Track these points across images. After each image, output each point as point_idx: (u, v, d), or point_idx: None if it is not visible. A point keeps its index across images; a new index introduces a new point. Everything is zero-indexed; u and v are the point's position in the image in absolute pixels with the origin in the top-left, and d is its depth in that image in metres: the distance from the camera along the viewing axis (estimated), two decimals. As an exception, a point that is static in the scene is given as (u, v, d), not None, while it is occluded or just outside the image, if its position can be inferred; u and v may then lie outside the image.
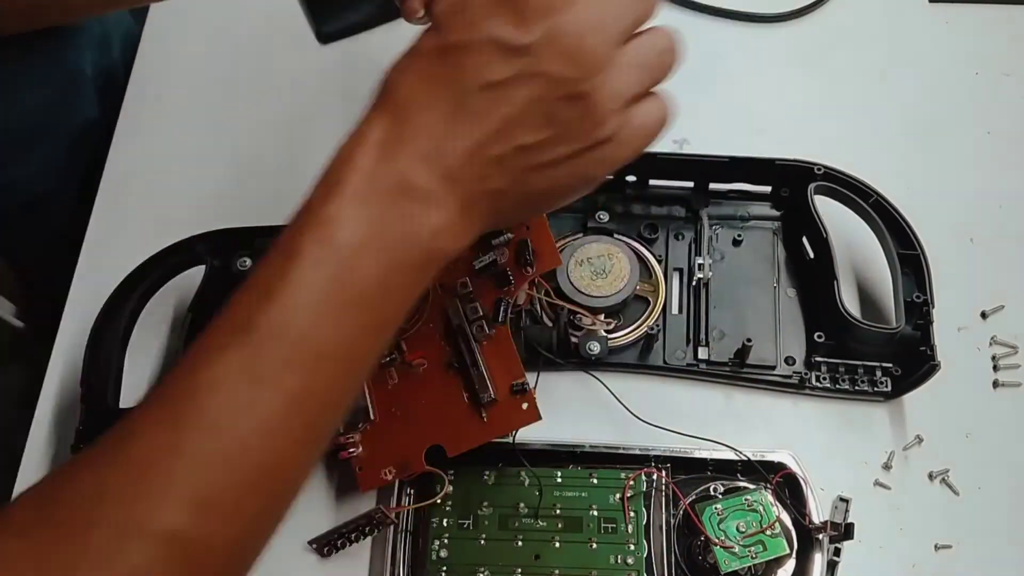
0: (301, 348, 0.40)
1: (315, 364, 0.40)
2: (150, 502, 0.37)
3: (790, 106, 0.75)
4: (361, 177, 0.40)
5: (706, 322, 0.63)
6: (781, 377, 0.62)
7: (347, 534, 0.57)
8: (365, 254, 0.40)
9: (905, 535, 0.58)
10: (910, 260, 0.62)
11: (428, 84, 0.40)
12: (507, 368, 0.54)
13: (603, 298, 0.62)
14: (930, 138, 0.73)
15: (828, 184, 0.64)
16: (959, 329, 0.64)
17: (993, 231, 0.68)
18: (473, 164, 0.41)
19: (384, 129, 0.41)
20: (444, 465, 0.55)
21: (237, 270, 0.62)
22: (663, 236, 0.67)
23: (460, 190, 0.41)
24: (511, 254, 0.55)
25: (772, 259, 0.66)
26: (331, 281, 0.40)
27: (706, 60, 0.77)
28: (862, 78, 0.76)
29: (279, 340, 0.39)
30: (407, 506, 0.57)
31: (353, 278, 0.40)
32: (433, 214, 0.41)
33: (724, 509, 0.55)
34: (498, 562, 0.56)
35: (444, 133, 0.40)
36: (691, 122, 0.73)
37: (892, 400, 0.62)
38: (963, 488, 0.60)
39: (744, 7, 0.79)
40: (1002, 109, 0.74)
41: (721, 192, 0.68)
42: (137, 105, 0.75)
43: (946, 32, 0.78)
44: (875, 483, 0.60)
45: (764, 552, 0.54)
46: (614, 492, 0.57)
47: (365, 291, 0.41)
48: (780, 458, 0.57)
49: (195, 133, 0.74)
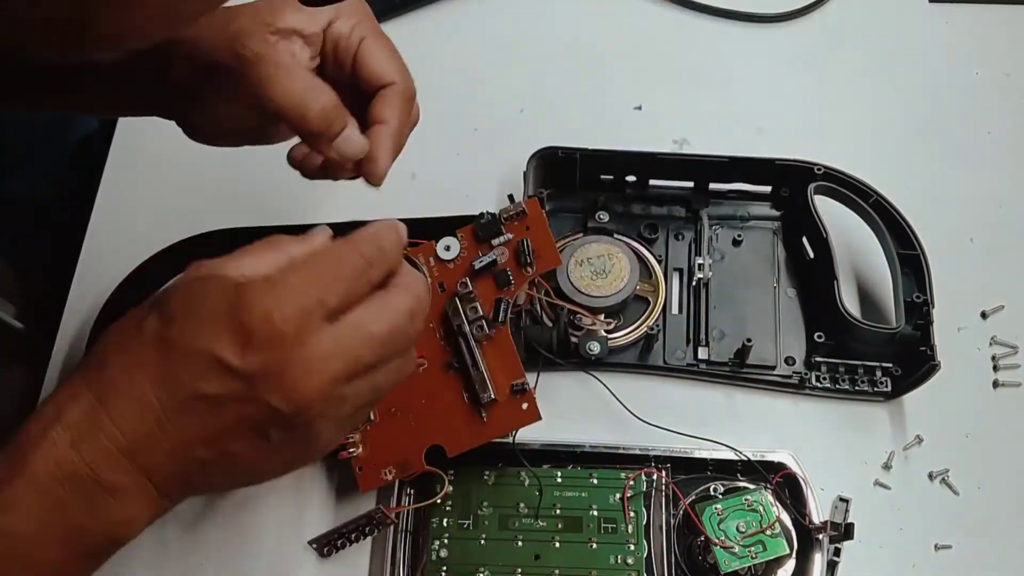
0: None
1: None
2: None
3: (790, 106, 0.75)
4: (48, 463, 0.38)
5: (706, 322, 0.63)
6: (781, 377, 0.62)
7: (347, 534, 0.57)
8: (43, 543, 0.39)
9: (905, 535, 0.58)
10: (910, 260, 0.62)
11: (140, 374, 0.39)
12: (507, 368, 0.54)
13: (603, 298, 0.62)
14: (930, 138, 0.73)
15: (828, 184, 0.64)
16: (959, 329, 0.64)
17: (993, 231, 0.68)
18: (174, 463, 0.40)
19: (84, 410, 0.39)
20: (444, 465, 0.55)
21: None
22: (663, 236, 0.67)
23: (155, 483, 0.40)
24: (511, 254, 0.55)
25: (772, 259, 0.66)
26: (6, 567, 0.38)
27: (706, 60, 0.77)
28: (862, 78, 0.76)
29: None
30: (407, 506, 0.57)
31: (29, 565, 0.39)
32: (122, 507, 0.39)
33: (724, 509, 0.55)
34: (498, 562, 0.56)
35: (147, 431, 0.39)
36: (691, 122, 0.73)
37: (892, 400, 0.62)
38: (963, 488, 0.60)
39: (744, 7, 0.79)
40: (1002, 109, 0.74)
41: (721, 192, 0.68)
42: (137, 105, 0.75)
43: (946, 32, 0.78)
44: (875, 483, 0.60)
45: (764, 552, 0.54)
46: (614, 492, 0.57)
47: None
48: (780, 458, 0.57)
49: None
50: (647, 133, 0.72)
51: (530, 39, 0.78)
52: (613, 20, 0.79)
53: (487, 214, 0.55)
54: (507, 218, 0.55)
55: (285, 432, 0.40)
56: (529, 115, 0.75)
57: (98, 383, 0.39)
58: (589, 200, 0.67)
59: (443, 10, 0.80)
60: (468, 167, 0.70)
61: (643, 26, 0.79)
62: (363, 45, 0.49)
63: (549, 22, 0.79)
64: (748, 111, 0.74)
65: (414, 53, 0.78)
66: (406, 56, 0.52)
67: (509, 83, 0.76)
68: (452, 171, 0.57)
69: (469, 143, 0.72)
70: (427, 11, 0.79)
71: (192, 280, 0.41)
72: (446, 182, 0.70)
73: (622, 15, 0.79)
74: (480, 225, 0.55)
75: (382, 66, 0.49)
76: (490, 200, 0.69)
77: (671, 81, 0.76)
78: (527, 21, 0.79)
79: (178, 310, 0.40)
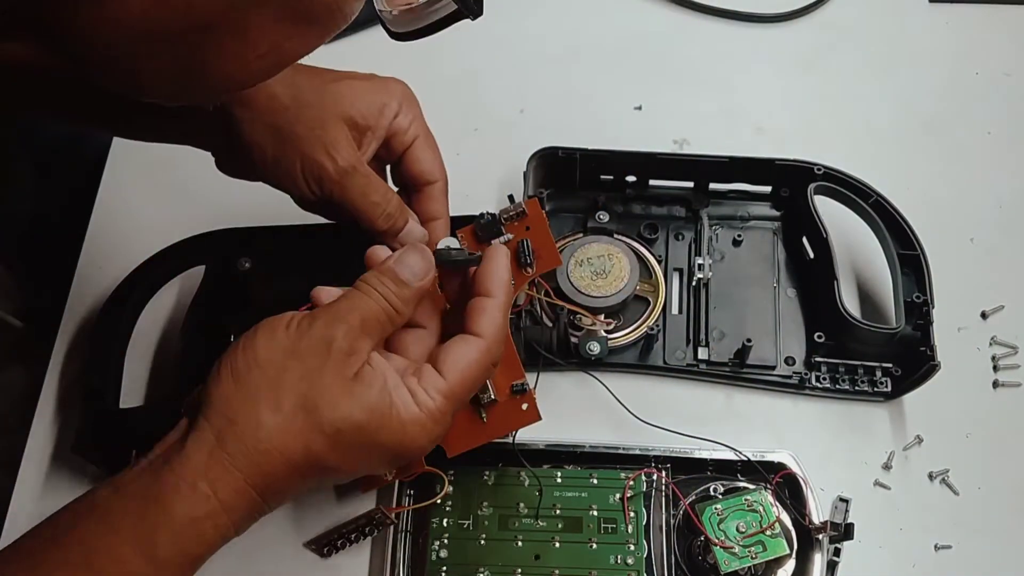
0: None
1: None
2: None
3: (790, 106, 0.75)
4: (208, 548, 0.43)
5: (706, 322, 0.63)
6: (781, 377, 0.62)
7: (347, 534, 0.57)
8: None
9: (905, 535, 0.58)
10: (910, 260, 0.62)
11: (297, 479, 0.44)
12: (507, 368, 0.54)
13: (603, 298, 0.62)
14: (930, 138, 0.73)
15: (828, 184, 0.64)
16: (959, 329, 0.64)
17: (993, 231, 0.68)
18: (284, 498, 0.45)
19: (237, 496, 0.43)
20: (444, 465, 0.55)
21: (237, 270, 0.62)
22: (663, 236, 0.67)
23: (269, 506, 0.45)
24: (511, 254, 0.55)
25: (772, 259, 0.66)
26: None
27: (706, 60, 0.77)
28: (862, 78, 0.76)
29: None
30: (407, 506, 0.57)
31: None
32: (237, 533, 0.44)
33: (724, 509, 0.55)
34: (498, 562, 0.56)
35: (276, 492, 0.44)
36: (691, 122, 0.73)
37: (892, 400, 0.62)
38: (963, 488, 0.60)
39: (744, 7, 0.79)
40: (1002, 109, 0.74)
41: (721, 192, 0.68)
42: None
43: (946, 32, 0.78)
44: (875, 483, 0.60)
45: (764, 552, 0.54)
46: (614, 492, 0.57)
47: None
48: (780, 458, 0.57)
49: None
50: (647, 133, 0.72)
51: (530, 39, 0.78)
52: (613, 20, 0.79)
53: (487, 214, 0.55)
54: (507, 218, 0.55)
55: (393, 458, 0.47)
56: (529, 115, 0.75)
57: (256, 480, 0.43)
58: (589, 200, 0.67)
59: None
60: (468, 167, 0.69)
61: (643, 26, 0.79)
62: (416, 143, 0.55)
63: (549, 22, 0.80)
64: (748, 111, 0.74)
65: (414, 53, 0.77)
66: (406, 56, 0.52)
67: (509, 83, 0.76)
68: (452, 171, 0.57)
69: (469, 143, 0.72)
70: (427, 11, 0.79)
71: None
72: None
73: (622, 15, 0.79)
74: (480, 225, 0.55)
75: (431, 166, 0.56)
76: (490, 200, 0.70)
77: (671, 81, 0.76)
78: (527, 21, 0.79)
79: (351, 442, 0.44)
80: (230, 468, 0.42)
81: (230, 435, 0.42)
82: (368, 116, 0.53)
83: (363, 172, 0.53)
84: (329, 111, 0.52)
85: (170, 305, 0.66)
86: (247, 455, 0.42)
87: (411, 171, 0.55)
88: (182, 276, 0.65)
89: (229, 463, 0.42)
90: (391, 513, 0.55)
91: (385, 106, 0.54)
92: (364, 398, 0.44)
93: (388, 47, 0.44)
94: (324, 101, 0.53)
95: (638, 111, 0.75)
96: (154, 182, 0.72)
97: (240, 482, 0.42)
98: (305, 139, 0.52)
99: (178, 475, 0.42)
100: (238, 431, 0.42)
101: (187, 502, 0.41)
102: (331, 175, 0.52)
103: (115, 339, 0.61)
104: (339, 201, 0.53)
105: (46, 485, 0.61)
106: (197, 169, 0.57)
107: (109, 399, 0.59)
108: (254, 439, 0.42)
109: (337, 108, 0.53)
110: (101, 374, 0.60)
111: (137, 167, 0.72)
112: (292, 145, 0.52)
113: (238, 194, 0.59)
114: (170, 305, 0.66)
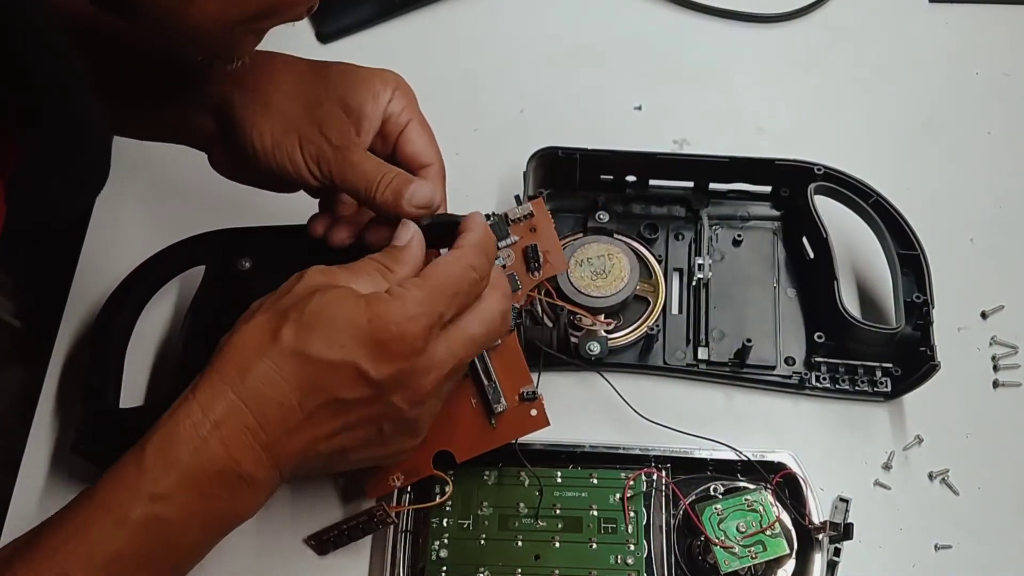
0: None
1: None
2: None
3: (790, 106, 0.75)
4: (201, 460, 0.43)
5: (706, 322, 0.63)
6: (781, 377, 0.62)
7: (347, 530, 0.56)
8: (188, 528, 0.44)
9: (905, 535, 0.58)
10: (910, 260, 0.62)
11: (283, 382, 0.44)
12: (515, 374, 0.54)
13: (603, 298, 0.62)
14: (930, 138, 0.73)
15: (828, 184, 0.64)
16: (959, 329, 0.64)
17: (993, 231, 0.68)
18: (300, 455, 0.45)
19: (231, 413, 0.44)
20: (444, 465, 0.55)
21: (237, 270, 0.62)
22: (663, 236, 0.67)
23: (282, 472, 0.45)
24: (519, 257, 0.55)
25: (772, 259, 0.66)
26: (152, 547, 0.43)
27: (706, 60, 0.77)
28: (862, 78, 0.76)
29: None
30: (407, 506, 0.57)
31: (174, 546, 0.44)
32: (256, 495, 0.45)
33: (724, 509, 0.55)
34: (498, 562, 0.56)
35: (286, 430, 0.44)
36: (691, 122, 0.73)
37: (892, 400, 0.62)
38: (963, 488, 0.60)
39: (744, 7, 0.79)
40: (1002, 109, 0.74)
41: (721, 192, 0.68)
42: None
43: (946, 32, 0.78)
44: (875, 483, 0.60)
45: (764, 552, 0.54)
46: (614, 492, 0.57)
47: (181, 556, 0.45)
48: (780, 458, 0.57)
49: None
50: (647, 133, 0.72)
51: (530, 39, 0.78)
52: (613, 20, 0.79)
53: (494, 215, 0.55)
54: (515, 220, 0.55)
55: (396, 425, 0.47)
56: (529, 115, 0.75)
57: (242, 388, 0.44)
58: (589, 200, 0.67)
59: (443, 10, 0.80)
60: (468, 167, 0.69)
61: (643, 26, 0.79)
62: (410, 126, 0.55)
63: (549, 22, 0.79)
64: (748, 111, 0.74)
65: (414, 53, 0.78)
66: (406, 56, 0.52)
67: (509, 83, 0.76)
68: (452, 171, 0.57)
69: (469, 143, 0.72)
70: (427, 11, 0.79)
71: (319, 291, 0.45)
72: (446, 182, 0.69)
73: (622, 15, 0.79)
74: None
75: (424, 148, 0.55)
76: (490, 200, 0.70)
77: (671, 81, 0.76)
78: (527, 21, 0.79)
79: (315, 323, 0.44)
80: (207, 373, 0.44)
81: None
82: (363, 101, 0.53)
83: (359, 151, 0.53)
84: (326, 96, 0.53)
85: (170, 305, 0.66)
86: (218, 352, 0.45)
87: (405, 153, 0.55)
88: (182, 276, 0.65)
89: (209, 371, 0.44)
90: (392, 512, 0.55)
91: (379, 92, 0.54)
92: (330, 273, 0.47)
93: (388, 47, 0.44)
94: (321, 86, 0.53)
95: (638, 111, 0.75)
96: (154, 182, 0.72)
97: (209, 374, 0.44)
98: (304, 120, 0.53)
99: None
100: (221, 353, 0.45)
101: (172, 412, 0.44)
102: (330, 154, 0.52)
103: (115, 339, 0.61)
104: (340, 180, 0.53)
105: (46, 485, 0.61)
106: (197, 169, 0.57)
107: (109, 399, 0.59)
108: (226, 342, 0.45)
109: (333, 93, 0.53)
110: (101, 374, 0.60)
111: (137, 167, 0.72)
112: (291, 127, 0.53)
113: (238, 194, 0.59)
114: (170, 305, 0.66)
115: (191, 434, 0.43)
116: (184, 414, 0.43)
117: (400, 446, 0.49)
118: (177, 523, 0.43)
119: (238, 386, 0.44)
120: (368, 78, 0.54)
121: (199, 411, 0.43)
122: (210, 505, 0.44)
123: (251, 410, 0.43)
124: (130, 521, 0.42)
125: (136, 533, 0.42)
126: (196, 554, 0.46)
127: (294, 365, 0.44)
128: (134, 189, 0.72)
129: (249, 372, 0.44)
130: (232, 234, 0.65)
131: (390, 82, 0.54)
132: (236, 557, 0.58)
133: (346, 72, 0.54)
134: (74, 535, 0.42)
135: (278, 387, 0.44)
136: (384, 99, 0.54)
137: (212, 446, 0.43)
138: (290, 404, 0.44)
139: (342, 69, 0.55)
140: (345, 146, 0.52)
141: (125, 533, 0.42)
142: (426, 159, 0.55)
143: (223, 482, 0.43)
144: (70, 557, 0.41)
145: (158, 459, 0.43)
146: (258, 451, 0.44)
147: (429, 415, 0.49)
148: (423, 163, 0.55)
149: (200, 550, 0.46)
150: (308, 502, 0.59)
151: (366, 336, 0.44)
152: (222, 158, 0.56)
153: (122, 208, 0.71)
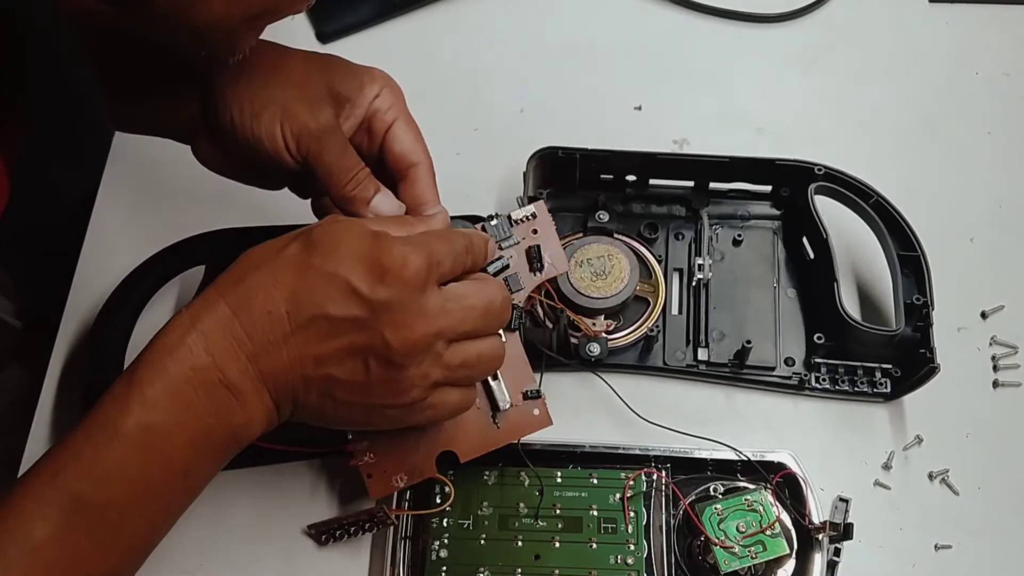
0: (99, 515, 0.43)
1: (105, 529, 0.44)
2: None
3: (790, 106, 0.75)
4: (184, 367, 0.43)
5: (706, 323, 0.63)
6: (781, 378, 0.62)
7: (347, 526, 0.56)
8: (176, 442, 0.44)
9: (905, 535, 0.58)
10: (910, 261, 0.62)
11: (275, 290, 0.44)
12: (518, 374, 0.54)
13: (603, 299, 0.62)
14: (930, 138, 0.73)
15: (828, 184, 0.64)
16: (959, 329, 0.64)
17: (993, 231, 0.69)
18: (288, 374, 0.45)
19: (218, 320, 0.44)
20: (444, 465, 0.55)
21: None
22: (663, 236, 0.67)
23: (271, 391, 0.45)
24: (523, 258, 0.55)
25: (772, 259, 0.66)
26: (142, 462, 0.43)
27: (706, 60, 0.77)
28: (862, 78, 0.76)
29: (81, 505, 0.43)
30: (407, 510, 0.57)
31: (164, 460, 0.44)
32: (244, 409, 0.45)
33: (724, 509, 0.55)
34: (498, 562, 0.56)
35: (272, 340, 0.44)
36: (691, 122, 0.73)
37: (892, 400, 0.62)
38: (963, 488, 0.60)
39: (744, 7, 0.79)
40: (1002, 109, 0.74)
41: (721, 192, 0.68)
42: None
43: (946, 32, 0.78)
44: (875, 483, 0.60)
45: (764, 552, 0.54)
46: (614, 492, 0.57)
47: (175, 477, 0.45)
48: (780, 458, 0.57)
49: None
50: (647, 133, 0.72)
51: (530, 39, 0.78)
52: (613, 20, 0.79)
53: (497, 216, 0.55)
54: (518, 220, 0.55)
55: (382, 367, 0.45)
56: (529, 115, 0.75)
57: (233, 296, 0.44)
58: (589, 200, 0.67)
59: (443, 10, 0.80)
60: (468, 167, 0.70)
61: (643, 26, 0.79)
62: (396, 124, 0.55)
63: (549, 22, 0.79)
64: (748, 111, 0.74)
65: (414, 53, 0.78)
66: (406, 56, 0.52)
67: (509, 83, 0.76)
68: (452, 171, 0.57)
69: (469, 143, 0.72)
70: (427, 11, 0.79)
71: (335, 221, 0.47)
72: (446, 182, 0.68)
73: (622, 15, 0.79)
74: (491, 228, 0.55)
75: (411, 146, 0.55)
76: (490, 200, 0.70)
77: (671, 81, 0.76)
78: (527, 21, 0.79)
79: (321, 240, 0.45)
80: (205, 288, 0.45)
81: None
82: (350, 90, 0.54)
83: (341, 136, 0.53)
84: (315, 79, 0.53)
85: (170, 305, 0.66)
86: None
87: (392, 152, 0.55)
88: (182, 276, 0.65)
89: (208, 286, 0.45)
90: (392, 514, 0.55)
91: (366, 85, 0.54)
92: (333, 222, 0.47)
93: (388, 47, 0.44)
94: (311, 69, 0.54)
95: (638, 111, 0.75)
96: (154, 182, 0.72)
97: (207, 289, 0.45)
98: (290, 97, 0.52)
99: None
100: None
101: (166, 324, 0.44)
102: (311, 131, 0.52)
103: (115, 339, 0.61)
104: (314, 161, 0.52)
105: (46, 485, 0.61)
106: (196, 169, 0.57)
107: (109, 399, 0.59)
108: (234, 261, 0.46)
109: (323, 77, 0.53)
110: (101, 374, 0.60)
111: (137, 167, 0.72)
112: (275, 101, 0.52)
113: (238, 194, 0.59)
114: (170, 305, 0.66)
115: (177, 342, 0.43)
116: (174, 324, 0.44)
117: (385, 403, 0.47)
118: (165, 435, 0.43)
119: (230, 294, 0.44)
120: (357, 71, 0.55)
121: (188, 320, 0.44)
122: (197, 418, 0.44)
123: (238, 318, 0.44)
124: (122, 433, 0.42)
125: (129, 447, 0.43)
126: (190, 478, 0.45)
127: (290, 274, 0.44)
128: (134, 189, 0.72)
129: (244, 280, 0.44)
130: (232, 234, 0.65)
131: (378, 78, 0.55)
132: (234, 542, 0.58)
133: (336, 62, 0.55)
134: (74, 458, 0.43)
135: (270, 296, 0.44)
136: (371, 93, 0.54)
137: (197, 354, 0.43)
138: (279, 314, 0.44)
139: (333, 59, 0.55)
140: (329, 127, 0.52)
141: (119, 448, 0.42)
142: (414, 157, 0.55)
143: (208, 392, 0.44)
144: (70, 477, 0.42)
145: (146, 370, 0.43)
146: (243, 360, 0.44)
147: (420, 386, 0.46)
148: (411, 161, 0.55)
149: (194, 475, 0.46)
150: (309, 494, 0.59)
151: (366, 255, 0.44)
152: (205, 142, 0.56)
153: (122, 208, 0.71)
